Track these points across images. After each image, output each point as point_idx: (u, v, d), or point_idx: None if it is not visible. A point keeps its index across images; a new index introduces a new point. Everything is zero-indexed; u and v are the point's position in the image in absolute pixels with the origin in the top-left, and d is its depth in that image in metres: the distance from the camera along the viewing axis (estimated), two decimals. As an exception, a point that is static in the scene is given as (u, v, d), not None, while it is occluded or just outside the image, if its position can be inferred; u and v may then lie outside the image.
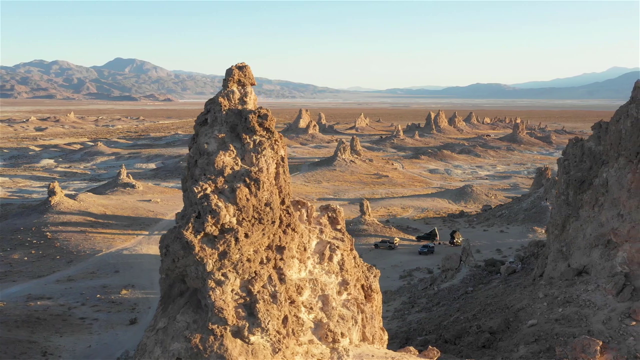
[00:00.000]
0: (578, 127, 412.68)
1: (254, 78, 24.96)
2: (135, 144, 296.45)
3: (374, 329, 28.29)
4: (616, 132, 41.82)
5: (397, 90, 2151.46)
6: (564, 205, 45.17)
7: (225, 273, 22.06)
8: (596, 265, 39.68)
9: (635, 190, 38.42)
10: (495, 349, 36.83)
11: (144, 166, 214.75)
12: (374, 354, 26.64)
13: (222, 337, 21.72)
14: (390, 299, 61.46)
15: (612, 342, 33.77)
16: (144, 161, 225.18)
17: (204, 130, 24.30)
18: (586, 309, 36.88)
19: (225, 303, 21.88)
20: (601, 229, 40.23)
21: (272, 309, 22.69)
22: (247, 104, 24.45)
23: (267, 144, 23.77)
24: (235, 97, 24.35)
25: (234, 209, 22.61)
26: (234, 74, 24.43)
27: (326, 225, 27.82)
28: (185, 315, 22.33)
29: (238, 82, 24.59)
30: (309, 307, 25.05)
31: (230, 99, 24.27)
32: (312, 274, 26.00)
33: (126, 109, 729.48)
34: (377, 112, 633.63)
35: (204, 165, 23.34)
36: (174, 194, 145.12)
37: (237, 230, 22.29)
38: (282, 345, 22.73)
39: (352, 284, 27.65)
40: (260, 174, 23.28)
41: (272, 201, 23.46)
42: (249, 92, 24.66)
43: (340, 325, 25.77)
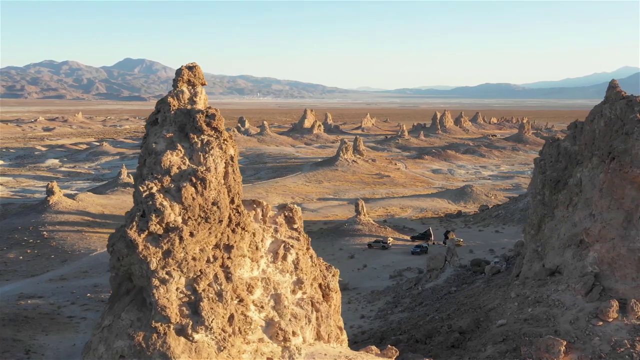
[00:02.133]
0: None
1: (204, 78, 25.11)
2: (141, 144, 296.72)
3: (330, 328, 28.38)
4: (590, 132, 41.73)
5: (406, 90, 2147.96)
6: (540, 205, 45.10)
7: (170, 271, 22.23)
8: (568, 266, 39.59)
9: (607, 190, 38.31)
10: (464, 349, 36.82)
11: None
12: (328, 353, 26.75)
13: (165, 335, 21.89)
14: (375, 299, 61.53)
15: (578, 342, 33.71)
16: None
17: (153, 130, 24.49)
18: (555, 309, 36.82)
19: (169, 301, 22.06)
20: (574, 229, 40.14)
21: (218, 307, 22.84)
22: (196, 104, 24.60)
23: (215, 144, 23.91)
24: (184, 97, 24.52)
25: (180, 207, 22.79)
26: (183, 74, 24.60)
27: (282, 224, 27.92)
28: (130, 313, 22.53)
29: (188, 82, 24.75)
30: (260, 305, 25.18)
31: (179, 99, 24.45)
32: (265, 273, 26.14)
33: (135, 109, 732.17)
34: (385, 112, 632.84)
35: (151, 165, 23.51)
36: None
37: (181, 229, 22.47)
38: (228, 343, 22.88)
39: (307, 283, 27.77)
40: (208, 173, 23.43)
41: (220, 200, 23.60)
42: (199, 92, 24.82)
43: (292, 324, 25.89)
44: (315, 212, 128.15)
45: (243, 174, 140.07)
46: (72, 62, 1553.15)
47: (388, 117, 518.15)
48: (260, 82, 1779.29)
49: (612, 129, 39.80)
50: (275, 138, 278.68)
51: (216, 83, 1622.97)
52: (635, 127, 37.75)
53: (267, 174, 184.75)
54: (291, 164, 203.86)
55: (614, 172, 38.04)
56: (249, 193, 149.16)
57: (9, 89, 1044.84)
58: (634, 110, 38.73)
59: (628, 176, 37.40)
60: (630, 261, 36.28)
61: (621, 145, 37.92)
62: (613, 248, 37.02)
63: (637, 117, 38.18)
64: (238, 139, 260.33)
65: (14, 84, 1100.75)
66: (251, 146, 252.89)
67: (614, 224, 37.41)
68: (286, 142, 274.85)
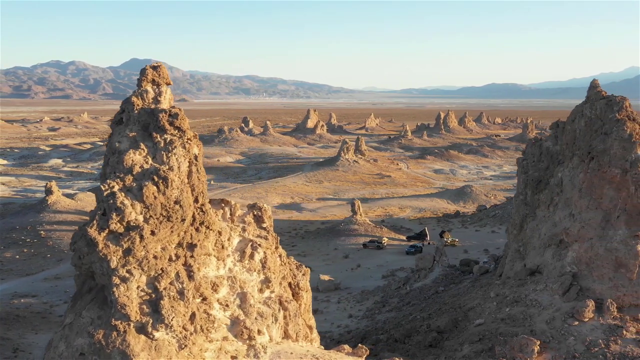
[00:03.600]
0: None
1: (169, 77, 25.25)
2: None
3: (298, 327, 28.47)
4: (571, 132, 41.67)
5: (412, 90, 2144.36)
6: (522, 205, 45.06)
7: (130, 270, 22.38)
8: (548, 265, 39.56)
9: (586, 190, 38.27)
10: (441, 348, 36.86)
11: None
12: (294, 352, 26.85)
13: (125, 332, 22.05)
14: (364, 299, 61.54)
15: (553, 342, 33.69)
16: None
17: (118, 129, 24.68)
18: (532, 309, 36.80)
19: (129, 299, 22.21)
20: (554, 228, 40.09)
21: (179, 305, 22.98)
22: (160, 104, 24.77)
23: (178, 143, 24.06)
24: (149, 96, 24.68)
25: (141, 206, 22.95)
26: (147, 73, 24.77)
27: (250, 223, 28.03)
28: (91, 311, 22.70)
29: (152, 81, 24.90)
30: (225, 304, 25.31)
31: (144, 99, 24.61)
32: (232, 272, 26.27)
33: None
34: (391, 112, 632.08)
35: (114, 164, 23.70)
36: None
37: (142, 228, 22.62)
38: (189, 341, 23.01)
39: (275, 282, 27.88)
40: (170, 172, 23.58)
41: (183, 199, 23.75)
42: (163, 91, 24.98)
43: (258, 322, 26.00)
44: (313, 212, 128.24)
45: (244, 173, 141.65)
46: (79, 63, 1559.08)
47: (393, 117, 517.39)
48: (266, 82, 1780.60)
49: (592, 128, 39.76)
50: (278, 138, 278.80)
51: (222, 83, 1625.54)
52: (614, 127, 37.71)
53: (268, 174, 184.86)
54: (292, 164, 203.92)
55: (593, 172, 38.01)
56: (248, 193, 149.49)
57: (16, 89, 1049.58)
58: (613, 110, 38.67)
59: (606, 176, 37.37)
60: (607, 261, 36.22)
61: (600, 145, 37.89)
62: (591, 248, 36.98)
63: (616, 117, 38.13)
64: (241, 139, 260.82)
65: (20, 84, 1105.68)
66: (254, 146, 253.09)
67: (592, 224, 37.36)
68: (289, 142, 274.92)
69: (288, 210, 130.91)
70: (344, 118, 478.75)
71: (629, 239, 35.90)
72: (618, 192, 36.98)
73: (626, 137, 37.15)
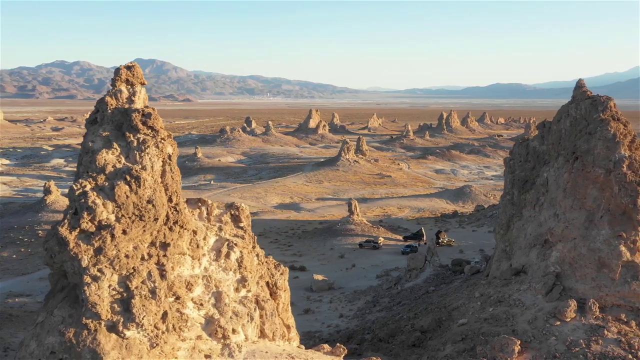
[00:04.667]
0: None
1: (143, 77, 25.34)
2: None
3: (275, 326, 28.54)
4: (557, 132, 41.63)
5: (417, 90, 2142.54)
6: (509, 205, 45.02)
7: (101, 269, 22.47)
8: (533, 265, 39.52)
9: (570, 190, 38.21)
10: (424, 348, 36.88)
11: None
12: (269, 351, 26.91)
13: (95, 331, 22.15)
14: (356, 298, 61.58)
15: (534, 342, 33.67)
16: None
17: (92, 129, 24.77)
18: (515, 309, 36.77)
19: (100, 298, 22.30)
20: (540, 228, 40.05)
21: (150, 304, 23.06)
22: (134, 103, 24.86)
23: (151, 143, 24.15)
24: (123, 96, 24.78)
25: (113, 205, 23.04)
26: (121, 73, 24.87)
27: (227, 222, 28.10)
28: (62, 309, 22.81)
29: (126, 81, 25.00)
30: (199, 303, 25.41)
31: (118, 98, 24.71)
32: (207, 271, 26.36)
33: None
34: (394, 113, 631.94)
35: (87, 164, 23.81)
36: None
37: (114, 227, 22.71)
38: (161, 340, 23.09)
39: (252, 281, 27.95)
40: (143, 171, 23.67)
41: (155, 198, 23.83)
42: (137, 91, 25.07)
43: (233, 321, 26.08)
44: (311, 212, 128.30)
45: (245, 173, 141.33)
46: (84, 63, 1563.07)
47: (397, 117, 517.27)
48: (270, 82, 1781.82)
49: (576, 128, 39.72)
50: (280, 138, 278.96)
51: (226, 83, 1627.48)
52: (598, 127, 37.66)
53: (269, 174, 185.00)
54: (293, 164, 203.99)
55: (577, 172, 37.97)
56: (248, 193, 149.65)
57: (21, 89, 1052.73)
58: (598, 110, 38.62)
59: (590, 176, 37.32)
60: (590, 261, 36.17)
61: (584, 145, 37.86)
62: (574, 248, 36.93)
63: (601, 116, 38.08)
64: (242, 139, 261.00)
65: (25, 84, 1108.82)
66: (255, 146, 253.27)
67: (576, 224, 37.30)
68: (291, 142, 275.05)
69: (286, 210, 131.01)
70: (348, 118, 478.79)
71: (611, 239, 35.84)
72: (602, 192, 36.93)
73: (610, 137, 37.10)
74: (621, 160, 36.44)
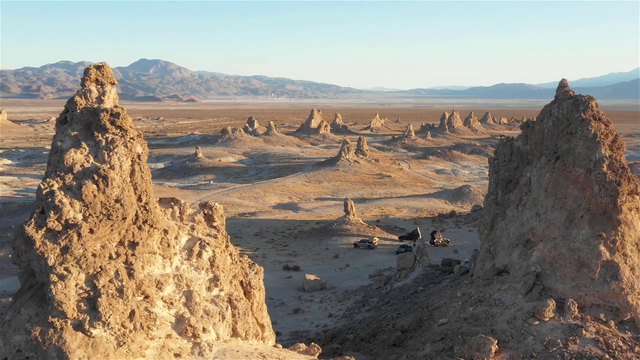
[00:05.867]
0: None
1: (114, 77, 25.45)
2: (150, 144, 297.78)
3: (248, 325, 28.61)
4: (540, 132, 41.64)
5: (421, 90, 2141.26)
6: (493, 205, 45.02)
7: (68, 267, 22.59)
8: (515, 265, 39.52)
9: (552, 190, 38.19)
10: (404, 347, 36.92)
11: (152, 166, 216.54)
12: (241, 350, 26.97)
13: (61, 330, 22.27)
14: (346, 298, 61.62)
15: (512, 342, 33.67)
16: (154, 161, 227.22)
17: (62, 129, 24.90)
18: (495, 308, 36.76)
19: (67, 297, 22.41)
20: (522, 228, 40.05)
21: (117, 303, 23.16)
22: (104, 103, 24.98)
23: (120, 142, 24.25)
24: (92, 96, 24.90)
25: (80, 205, 23.15)
26: (90, 73, 24.99)
27: (200, 222, 28.19)
28: (29, 308, 22.94)
29: (96, 81, 25.11)
30: (170, 302, 25.50)
31: (87, 98, 24.83)
32: (179, 270, 26.45)
33: (149, 109, 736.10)
34: (398, 113, 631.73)
35: (55, 163, 23.94)
36: (172, 193, 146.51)
37: (80, 226, 22.81)
38: (128, 338, 23.19)
39: (224, 280, 28.03)
40: (111, 171, 23.77)
41: (124, 198, 23.94)
42: (107, 91, 25.19)
43: (203, 320, 26.16)
44: (309, 212, 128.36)
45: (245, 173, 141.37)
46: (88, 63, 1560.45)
47: (400, 117, 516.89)
48: (274, 83, 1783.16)
49: (558, 128, 39.72)
50: (282, 138, 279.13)
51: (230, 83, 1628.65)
52: (579, 127, 37.63)
53: (269, 174, 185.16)
54: (294, 164, 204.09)
55: (558, 172, 37.95)
56: (247, 193, 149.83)
57: (25, 90, 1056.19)
58: (579, 110, 38.59)
59: (571, 176, 37.29)
60: (570, 261, 36.15)
61: (565, 145, 37.83)
62: (554, 248, 36.92)
63: (582, 116, 38.04)
64: (244, 139, 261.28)
65: (30, 84, 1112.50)
66: (257, 146, 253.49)
67: (557, 224, 37.29)
68: (292, 142, 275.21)
69: (284, 210, 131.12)
70: (351, 118, 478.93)
71: (591, 238, 35.82)
72: (582, 191, 36.91)
73: (590, 136, 37.08)
74: (601, 160, 36.42)
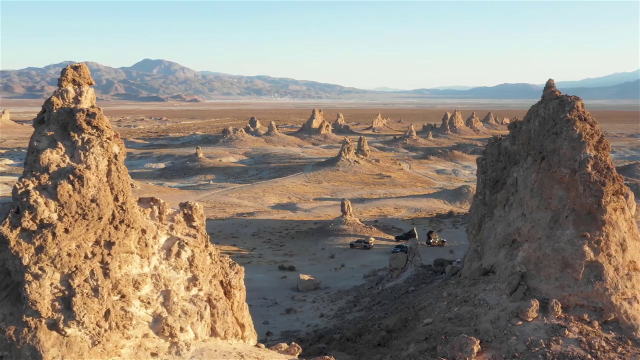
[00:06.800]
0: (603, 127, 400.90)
1: (91, 77, 25.57)
2: (151, 144, 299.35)
3: (227, 325, 28.69)
4: (527, 132, 41.66)
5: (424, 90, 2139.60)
6: (481, 205, 45.06)
7: (43, 267, 22.72)
8: (501, 265, 39.54)
9: (537, 190, 38.21)
10: (388, 347, 36.97)
11: (154, 166, 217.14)
12: (219, 349, 27.05)
13: (36, 329, 22.40)
14: (337, 298, 61.70)
15: (495, 342, 33.69)
16: (155, 161, 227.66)
17: (39, 129, 25.05)
18: (479, 308, 36.79)
19: (41, 296, 22.54)
20: (508, 228, 40.08)
21: (92, 302, 23.26)
22: (81, 103, 25.10)
23: (96, 142, 24.37)
24: (69, 96, 25.03)
25: (56, 204, 23.27)
26: (67, 73, 25.11)
27: (180, 222, 28.29)
28: (4, 307, 23.07)
29: (73, 81, 25.23)
30: (147, 301, 25.60)
31: (64, 98, 24.96)
32: (157, 270, 26.56)
33: (152, 109, 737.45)
34: (401, 113, 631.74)
35: (32, 163, 24.10)
36: (171, 193, 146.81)
37: (55, 226, 22.94)
38: (103, 338, 23.29)
39: (203, 280, 28.12)
40: (87, 171, 23.89)
41: (100, 197, 24.05)
42: (84, 91, 25.31)
43: (181, 320, 26.26)
44: (307, 212, 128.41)
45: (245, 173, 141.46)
46: (92, 63, 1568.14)
47: (403, 117, 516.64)
48: (277, 83, 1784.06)
49: (544, 128, 39.73)
50: (283, 138, 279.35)
51: (234, 83, 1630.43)
52: (564, 127, 37.64)
53: (269, 174, 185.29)
54: (294, 164, 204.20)
55: (543, 172, 37.97)
56: (246, 193, 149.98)
57: (29, 90, 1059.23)
58: (565, 110, 38.61)
59: (556, 176, 37.30)
60: (554, 261, 36.16)
61: (550, 145, 37.84)
62: (539, 248, 36.93)
63: (567, 116, 38.05)
64: (245, 139, 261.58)
65: (34, 84, 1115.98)
66: (258, 146, 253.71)
67: (542, 224, 37.31)
68: (293, 142, 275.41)
69: (283, 210, 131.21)
70: (354, 118, 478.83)
71: (575, 239, 35.83)
72: (567, 192, 36.92)
73: (575, 136, 37.08)
74: (586, 160, 36.43)
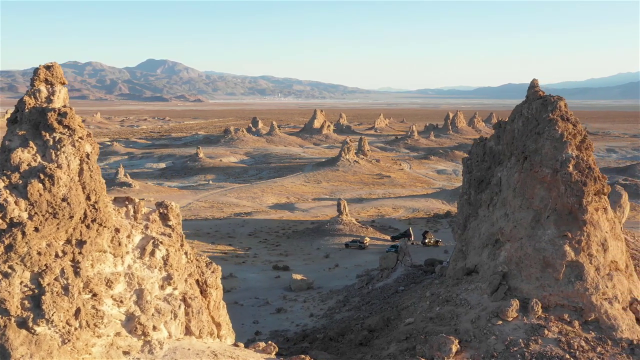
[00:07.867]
0: (605, 127, 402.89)
1: (64, 77, 25.67)
2: (153, 144, 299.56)
3: (202, 324, 28.79)
4: (511, 132, 41.64)
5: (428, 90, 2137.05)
6: (466, 205, 45.07)
7: (12, 265, 22.85)
8: (484, 265, 39.52)
9: (519, 190, 38.19)
10: (370, 347, 36.99)
11: (154, 166, 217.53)
12: (192, 348, 27.14)
13: (5, 327, 22.51)
14: (328, 298, 61.74)
15: (474, 341, 33.68)
16: (156, 161, 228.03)
17: (12, 128, 25.16)
18: (460, 308, 36.76)
19: (10, 295, 22.66)
20: (492, 228, 40.06)
21: (62, 301, 23.38)
22: (54, 103, 25.20)
23: (67, 141, 24.48)
24: (42, 95, 25.13)
25: (26, 203, 23.39)
26: (39, 73, 25.20)
27: (155, 221, 28.41)
28: (-26, 305, 23.21)
29: (45, 81, 25.33)
30: (120, 300, 25.72)
31: (36, 98, 25.06)
32: (131, 269, 26.68)
33: (156, 109, 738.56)
34: (404, 113, 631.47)
35: (3, 162, 24.19)
36: (170, 193, 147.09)
37: (25, 224, 23.05)
38: (73, 336, 23.39)
39: (179, 279, 28.22)
40: (58, 170, 24.00)
41: (71, 196, 24.15)
42: (57, 90, 25.41)
43: (154, 318, 26.37)
44: (305, 212, 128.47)
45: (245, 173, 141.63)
46: (96, 63, 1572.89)
47: (407, 117, 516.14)
48: (281, 83, 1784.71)
49: (528, 128, 39.72)
50: (284, 138, 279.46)
51: (237, 83, 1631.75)
52: (547, 127, 37.62)
53: (269, 174, 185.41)
54: (294, 164, 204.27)
55: (526, 172, 37.95)
56: (244, 193, 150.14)
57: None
58: (547, 110, 38.58)
59: (538, 176, 37.28)
60: (535, 261, 36.13)
61: (532, 145, 37.84)
62: (521, 247, 36.91)
63: (550, 116, 38.02)
64: (246, 139, 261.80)
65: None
66: (259, 146, 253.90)
67: (523, 224, 37.29)
68: (294, 142, 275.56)
69: (280, 210, 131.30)
70: (357, 118, 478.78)
71: (556, 238, 35.80)
72: (549, 191, 36.88)
73: (557, 136, 37.05)
74: (567, 160, 36.39)
